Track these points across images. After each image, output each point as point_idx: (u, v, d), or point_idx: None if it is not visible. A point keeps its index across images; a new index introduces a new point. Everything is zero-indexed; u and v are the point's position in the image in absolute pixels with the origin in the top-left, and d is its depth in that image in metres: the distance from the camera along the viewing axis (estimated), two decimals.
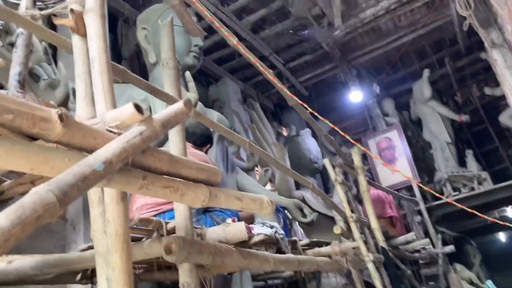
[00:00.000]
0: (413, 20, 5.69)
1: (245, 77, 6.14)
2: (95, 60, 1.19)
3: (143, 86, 1.51)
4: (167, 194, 1.14)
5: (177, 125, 1.18)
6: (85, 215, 2.76)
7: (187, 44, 3.58)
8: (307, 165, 5.70)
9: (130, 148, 0.96)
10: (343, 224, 3.45)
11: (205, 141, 2.41)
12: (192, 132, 2.38)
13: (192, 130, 2.38)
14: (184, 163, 1.21)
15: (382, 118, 7.00)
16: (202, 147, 2.40)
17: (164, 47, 1.78)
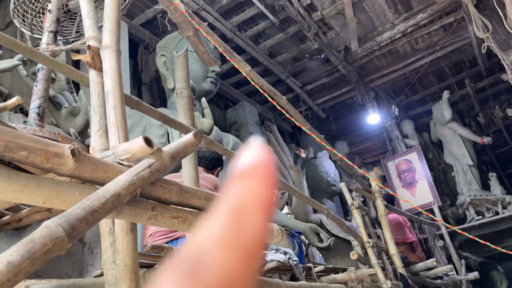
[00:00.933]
0: (430, 43, 5.68)
1: (263, 99, 6.21)
2: (110, 94, 1.24)
3: (157, 116, 1.56)
4: (175, 224, 1.16)
5: (186, 156, 1.21)
6: None
7: (204, 70, 3.67)
8: (325, 188, 5.66)
9: (138, 180, 1.00)
10: (360, 249, 3.39)
11: (216, 164, 2.44)
12: (202, 156, 2.41)
13: (203, 155, 2.42)
14: (194, 193, 1.24)
15: (402, 140, 6.92)
16: (214, 170, 2.43)
17: (179, 77, 1.84)
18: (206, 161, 2.40)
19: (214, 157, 2.43)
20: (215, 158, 2.43)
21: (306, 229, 3.57)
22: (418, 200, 6.35)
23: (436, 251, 5.93)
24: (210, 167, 2.40)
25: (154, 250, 1.63)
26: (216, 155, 2.44)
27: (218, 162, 2.45)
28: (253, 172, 0.18)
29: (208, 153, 2.43)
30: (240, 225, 0.17)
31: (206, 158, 2.41)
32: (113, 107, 1.23)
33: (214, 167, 2.42)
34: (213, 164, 2.41)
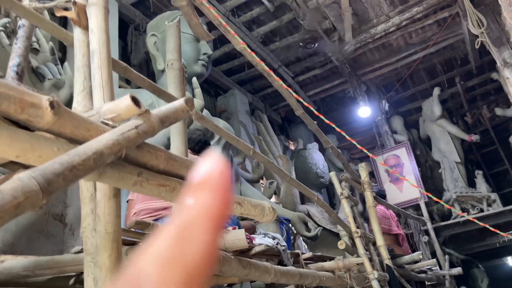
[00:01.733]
0: (424, 38, 5.66)
1: (254, 89, 6.13)
2: (95, 53, 1.16)
3: (146, 85, 1.48)
4: (163, 193, 1.09)
5: (176, 122, 1.14)
6: None
7: (196, 52, 3.57)
8: (313, 180, 5.62)
9: (123, 141, 0.92)
10: (348, 239, 3.36)
11: (203, 147, 2.36)
12: (189, 138, 2.33)
13: (189, 136, 2.34)
14: (183, 163, 1.17)
15: (391, 135, 6.92)
16: (200, 152, 2.35)
17: (170, 48, 1.76)
18: (193, 143, 2.32)
19: (201, 139, 2.35)
20: (202, 141, 2.35)
21: (294, 217, 3.52)
22: (405, 195, 6.37)
23: (421, 246, 5.95)
24: (197, 149, 2.32)
25: (138, 227, 1.55)
26: (203, 138, 2.37)
27: (205, 145, 2.37)
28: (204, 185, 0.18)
29: (195, 135, 2.35)
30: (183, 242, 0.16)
31: (193, 140, 2.33)
32: (99, 67, 1.14)
33: (201, 150, 2.35)
34: (200, 146, 2.33)
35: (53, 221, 2.95)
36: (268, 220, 1.49)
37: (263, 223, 2.70)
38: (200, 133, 2.38)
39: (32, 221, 2.78)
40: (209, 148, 2.44)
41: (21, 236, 2.65)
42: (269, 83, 6.03)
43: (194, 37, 3.59)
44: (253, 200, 1.38)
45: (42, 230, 2.80)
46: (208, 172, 0.18)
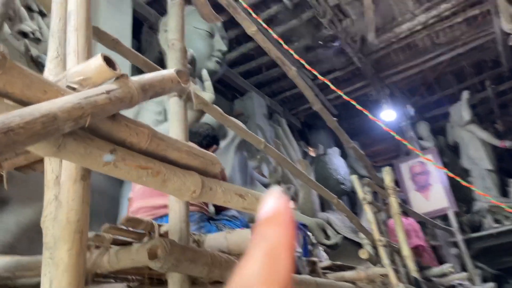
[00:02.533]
0: (452, 38, 5.37)
1: (272, 92, 5.94)
2: (72, 14, 0.99)
3: (140, 62, 1.30)
4: (143, 177, 0.90)
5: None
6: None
7: (210, 49, 3.42)
8: (334, 186, 5.36)
9: (88, 106, 0.74)
10: (371, 248, 3.10)
11: (211, 142, 2.17)
12: (196, 131, 2.16)
13: (196, 130, 2.17)
14: (172, 144, 0.98)
15: (416, 141, 6.59)
16: (208, 148, 2.17)
17: (172, 27, 1.59)
18: (200, 137, 2.14)
19: (209, 133, 2.17)
20: (210, 135, 2.17)
21: (312, 224, 3.29)
22: (432, 204, 6.02)
23: (450, 259, 5.58)
24: (204, 144, 2.14)
25: (130, 224, 1.37)
26: (211, 132, 2.18)
27: (214, 140, 2.19)
28: (275, 219, 0.22)
29: (202, 129, 2.17)
30: (274, 263, 0.21)
31: (200, 134, 2.15)
32: (75, 29, 0.97)
33: (209, 145, 2.16)
34: (207, 141, 2.15)
35: None
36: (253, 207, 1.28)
37: None
38: (209, 127, 2.20)
39: (34, 221, 2.64)
40: (218, 144, 2.25)
41: (22, 237, 2.51)
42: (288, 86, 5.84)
43: (208, 32, 3.44)
44: (257, 193, 1.18)
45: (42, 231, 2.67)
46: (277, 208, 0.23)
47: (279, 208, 0.23)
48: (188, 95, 1.48)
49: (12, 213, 2.47)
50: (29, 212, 2.63)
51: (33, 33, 2.21)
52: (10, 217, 2.44)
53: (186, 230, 1.34)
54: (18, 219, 2.51)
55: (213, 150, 2.20)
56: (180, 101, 1.48)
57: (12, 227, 2.45)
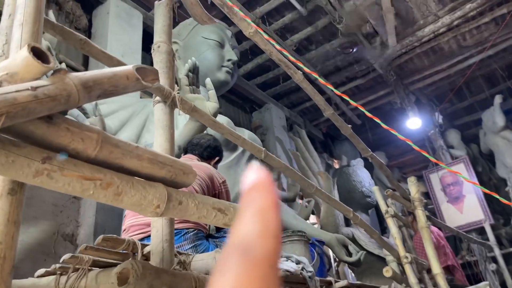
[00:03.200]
0: (480, 39, 5.07)
1: (291, 103, 5.79)
2: (19, 8, 0.88)
3: (114, 63, 1.18)
4: (90, 190, 0.76)
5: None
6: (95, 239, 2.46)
7: (219, 59, 3.31)
8: (359, 199, 5.11)
9: (2, 103, 0.61)
10: (396, 265, 2.85)
11: (212, 153, 2.04)
12: (197, 143, 2.03)
13: (197, 141, 2.04)
14: (129, 150, 0.84)
15: (447, 150, 6.24)
16: (209, 160, 2.03)
17: (157, 28, 1.47)
18: (201, 148, 2.01)
19: (210, 144, 2.03)
20: (211, 146, 2.03)
21: (332, 240, 3.07)
22: (466, 217, 5.64)
23: (488, 275, 5.17)
24: (205, 155, 2.01)
25: (108, 244, 1.23)
26: (213, 143, 2.05)
27: (215, 151, 2.05)
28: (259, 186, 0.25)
29: (203, 140, 2.04)
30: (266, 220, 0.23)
31: (201, 145, 2.02)
32: (20, 24, 0.86)
33: (210, 156, 2.03)
34: (209, 152, 2.02)
35: (62, 242, 2.72)
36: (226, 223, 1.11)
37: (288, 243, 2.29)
38: (210, 137, 2.07)
39: (39, 241, 2.56)
40: (221, 155, 2.11)
41: (25, 258, 2.43)
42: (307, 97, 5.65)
43: (217, 42, 3.35)
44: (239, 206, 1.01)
45: (49, 251, 2.58)
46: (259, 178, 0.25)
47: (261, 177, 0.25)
48: (173, 100, 1.35)
49: None
50: (34, 231, 2.55)
51: None
52: None
53: (169, 251, 1.19)
54: (21, 239, 2.43)
55: (215, 162, 2.07)
56: (165, 107, 1.35)
57: None
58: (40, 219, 2.59)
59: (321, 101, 2.15)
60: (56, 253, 2.59)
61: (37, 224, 2.57)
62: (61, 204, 2.75)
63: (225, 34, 3.45)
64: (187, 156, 2.01)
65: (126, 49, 3.49)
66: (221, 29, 3.45)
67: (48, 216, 2.64)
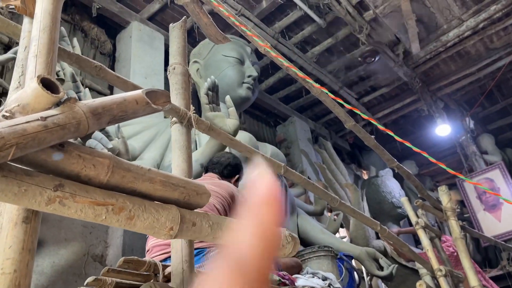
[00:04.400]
0: (508, 40, 4.91)
1: (315, 115, 5.75)
2: (34, 40, 0.91)
3: (129, 87, 1.21)
4: (103, 215, 0.77)
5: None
6: None
7: (240, 75, 3.34)
8: (389, 211, 4.98)
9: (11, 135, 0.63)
10: (430, 279, 2.74)
11: (233, 172, 2.03)
12: (217, 161, 2.03)
13: (217, 160, 2.04)
14: (141, 174, 0.84)
15: (480, 156, 6.02)
16: (230, 178, 2.02)
17: (173, 50, 1.50)
18: (221, 166, 2.01)
19: (230, 162, 2.03)
20: (232, 164, 2.03)
21: (362, 254, 2.99)
22: (505, 225, 5.38)
23: None
24: (225, 173, 2.00)
25: (130, 266, 1.24)
26: (233, 161, 2.04)
27: (235, 170, 2.04)
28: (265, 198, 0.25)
29: (223, 158, 2.04)
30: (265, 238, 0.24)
31: (221, 164, 2.01)
32: (35, 55, 0.89)
33: (230, 175, 2.02)
34: (229, 171, 2.01)
35: (92, 263, 2.77)
36: (287, 254, 1.09)
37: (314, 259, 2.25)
38: (230, 155, 2.07)
39: (70, 263, 2.61)
40: (241, 173, 2.10)
41: (57, 280, 2.48)
42: None
43: (237, 59, 3.38)
44: None
45: (80, 273, 2.62)
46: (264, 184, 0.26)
47: (267, 186, 0.25)
48: (189, 120, 1.36)
49: (47, 255, 2.46)
50: (65, 253, 2.61)
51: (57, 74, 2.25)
52: (45, 259, 2.43)
53: (189, 271, 1.18)
54: (53, 261, 2.49)
55: (236, 180, 2.06)
56: (182, 128, 1.36)
57: (47, 270, 2.43)
58: (71, 241, 2.65)
59: (342, 112, 2.12)
60: (87, 274, 2.63)
61: (68, 246, 2.63)
62: (90, 226, 2.81)
63: (244, 50, 3.48)
64: (207, 175, 2.02)
65: (149, 71, 3.57)
66: (241, 46, 3.49)
67: (78, 237, 2.70)
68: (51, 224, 2.59)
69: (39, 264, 2.43)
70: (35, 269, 2.47)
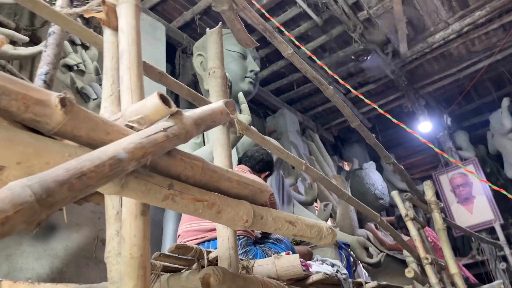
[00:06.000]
0: (488, 44, 5.21)
1: (304, 108, 5.94)
2: (124, 53, 1.03)
3: (184, 92, 1.34)
4: (200, 210, 0.91)
5: (214, 125, 0.97)
6: None
7: (243, 70, 3.47)
8: (372, 202, 5.25)
9: (149, 144, 0.76)
10: (416, 266, 2.99)
11: (265, 167, 2.18)
12: (251, 156, 2.17)
13: (251, 154, 2.18)
14: (223, 174, 0.99)
15: (456, 152, 6.38)
16: (261, 173, 2.17)
17: (211, 55, 1.63)
18: (254, 161, 2.15)
19: (263, 159, 2.17)
20: (264, 160, 2.17)
21: (353, 242, 3.22)
22: (476, 217, 5.77)
23: (498, 274, 5.31)
24: (257, 168, 2.15)
25: (180, 251, 1.39)
26: (266, 158, 2.18)
27: (267, 166, 2.19)
28: None
29: (258, 154, 2.18)
30: None
31: (255, 159, 2.16)
32: (128, 68, 1.01)
33: (262, 170, 2.17)
34: (261, 166, 2.16)
35: (102, 247, 2.87)
36: (327, 243, 1.27)
37: (319, 247, 2.44)
38: (264, 152, 2.21)
39: (81, 246, 2.71)
40: (272, 170, 2.24)
41: (70, 263, 2.58)
42: (320, 101, 5.83)
43: (240, 54, 3.50)
44: (308, 220, 1.17)
45: (91, 256, 2.73)
46: None
47: None
48: (230, 121, 1.50)
49: (61, 239, 2.55)
50: (76, 237, 2.71)
51: (77, 65, 2.32)
52: (59, 243, 2.52)
53: (235, 257, 1.34)
54: (66, 245, 2.58)
55: (266, 176, 2.20)
56: (223, 128, 1.50)
57: (60, 253, 2.53)
58: (82, 225, 2.74)
59: (350, 113, 2.29)
60: (97, 257, 2.74)
61: (79, 231, 2.72)
62: (99, 211, 2.90)
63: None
64: (239, 166, 2.15)
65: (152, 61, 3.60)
66: None
67: (88, 222, 2.80)
68: None
69: (53, 247, 2.52)
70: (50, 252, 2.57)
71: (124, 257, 0.80)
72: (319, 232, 1.24)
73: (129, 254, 0.80)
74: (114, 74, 1.05)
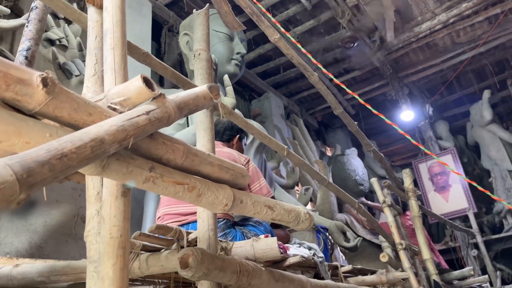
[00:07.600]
0: (473, 36, 5.28)
1: (289, 92, 5.95)
2: (108, 32, 1.02)
3: (169, 74, 1.33)
4: (180, 193, 0.92)
5: (197, 110, 0.98)
6: None
7: (229, 52, 3.44)
8: (352, 187, 5.34)
9: (131, 127, 0.77)
10: (391, 251, 3.09)
11: (231, 134, 2.17)
12: (216, 131, 2.16)
13: (216, 130, 2.18)
14: (205, 158, 1.00)
15: (435, 141, 6.51)
16: (231, 141, 2.17)
17: (197, 37, 1.61)
18: (220, 134, 2.15)
19: (227, 126, 2.17)
20: (228, 128, 2.17)
21: (331, 226, 3.29)
22: (451, 205, 5.95)
23: (470, 260, 5.51)
24: (225, 139, 2.15)
25: (160, 231, 1.40)
26: (229, 124, 2.18)
27: (233, 131, 2.18)
28: None
29: (219, 125, 2.18)
30: None
31: (219, 132, 2.16)
32: (112, 48, 1.00)
33: (231, 138, 2.17)
34: (228, 135, 2.16)
35: (82, 224, 2.87)
36: (304, 228, 1.30)
37: (298, 231, 2.50)
38: (225, 121, 2.20)
39: (61, 223, 2.71)
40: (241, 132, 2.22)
41: (49, 239, 2.58)
42: (305, 86, 5.84)
43: (227, 35, 3.47)
44: (286, 204, 1.20)
45: (70, 233, 2.73)
46: None
47: None
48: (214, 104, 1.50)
49: (40, 215, 2.54)
50: (56, 214, 2.70)
51: (59, 40, 2.27)
52: (38, 219, 2.52)
53: (214, 239, 1.37)
54: (45, 221, 2.58)
55: (238, 139, 2.20)
56: (207, 111, 1.51)
57: (39, 229, 2.52)
58: (61, 202, 2.73)
59: (333, 100, 2.32)
60: (77, 234, 2.74)
61: (59, 207, 2.72)
62: (80, 188, 2.89)
63: None
64: None
65: (137, 38, 3.58)
66: None
67: (68, 199, 2.79)
68: None
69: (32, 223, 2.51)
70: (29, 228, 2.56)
71: (104, 237, 0.82)
72: (297, 217, 1.27)
73: (109, 234, 0.82)
74: (98, 53, 1.04)
